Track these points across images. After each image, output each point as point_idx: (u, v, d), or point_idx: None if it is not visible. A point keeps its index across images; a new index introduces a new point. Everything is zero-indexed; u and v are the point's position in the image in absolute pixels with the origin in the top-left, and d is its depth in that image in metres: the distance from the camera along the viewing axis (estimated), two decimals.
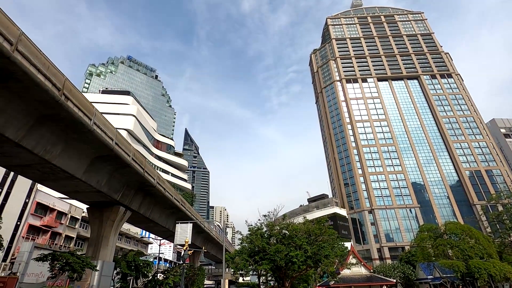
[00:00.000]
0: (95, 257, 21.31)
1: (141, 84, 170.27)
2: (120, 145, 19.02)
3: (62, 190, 20.79)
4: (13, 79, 11.69)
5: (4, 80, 11.71)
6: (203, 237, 47.12)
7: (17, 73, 11.44)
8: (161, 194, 26.34)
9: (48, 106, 13.45)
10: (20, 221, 33.70)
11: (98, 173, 19.74)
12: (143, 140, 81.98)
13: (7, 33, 10.62)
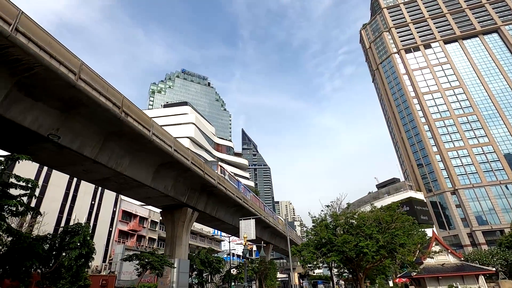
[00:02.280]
0: (172, 255, 23.35)
1: (196, 93, 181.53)
2: (179, 151, 20.39)
3: (137, 197, 23.31)
4: (81, 104, 13.40)
5: (75, 107, 13.49)
6: (269, 231, 47.82)
7: (83, 99, 13.06)
8: (223, 194, 27.47)
9: (112, 123, 15.07)
10: (112, 227, 39.14)
11: (164, 179, 21.52)
12: (204, 145, 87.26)
13: (70, 65, 12.17)
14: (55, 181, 35.83)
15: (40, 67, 10.96)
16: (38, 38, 10.74)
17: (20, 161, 12.27)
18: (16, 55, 10.32)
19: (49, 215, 30.62)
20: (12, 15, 9.87)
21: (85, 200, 38.42)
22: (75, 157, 15.27)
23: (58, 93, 12.40)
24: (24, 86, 11.57)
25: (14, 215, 13.18)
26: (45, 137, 12.96)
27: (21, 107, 11.75)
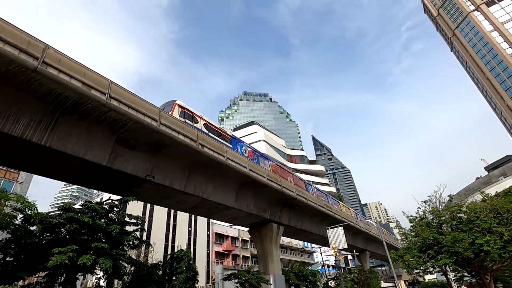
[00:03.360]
0: (266, 272, 23.87)
1: (261, 111, 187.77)
2: (254, 170, 21.26)
3: (225, 219, 24.96)
4: (165, 145, 15.42)
5: (161, 148, 15.58)
6: (362, 237, 44.56)
7: (166, 140, 15.03)
8: (303, 204, 27.15)
9: (192, 156, 16.79)
10: (208, 249, 42.51)
11: (245, 198, 22.58)
12: (277, 159, 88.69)
13: (152, 114, 14.25)
14: (157, 214, 41.28)
15: (131, 121, 13.15)
16: (126, 99, 12.97)
17: (129, 202, 14.69)
18: (113, 117, 12.66)
19: (157, 245, 35.24)
20: (105, 86, 12.23)
21: (183, 228, 43.05)
22: (168, 191, 17.44)
23: (146, 139, 14.57)
24: (122, 140, 13.96)
25: (132, 248, 15.69)
26: (143, 179, 15.25)
27: (122, 158, 14.16)
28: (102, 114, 12.35)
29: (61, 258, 10.63)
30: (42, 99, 11.00)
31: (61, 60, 10.63)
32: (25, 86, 10.37)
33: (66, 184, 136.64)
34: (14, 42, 9.46)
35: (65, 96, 11.12)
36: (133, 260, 15.03)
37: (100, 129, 12.95)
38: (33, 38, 10.21)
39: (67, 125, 11.92)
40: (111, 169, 13.85)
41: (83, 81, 11.20)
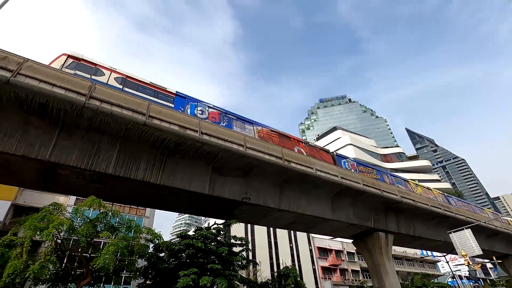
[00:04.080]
0: (382, 286, 21.56)
1: (341, 114, 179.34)
2: (346, 177, 20.12)
3: (324, 233, 24.10)
4: (253, 167, 16.25)
5: (250, 170, 16.48)
6: (502, 239, 35.79)
7: (253, 162, 15.87)
8: (412, 207, 23.93)
9: (280, 173, 17.14)
10: (313, 264, 41.38)
11: (343, 208, 21.41)
12: (369, 161, 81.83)
13: (238, 141, 15.39)
14: (258, 233, 43.04)
15: (221, 151, 14.48)
16: (214, 132, 14.44)
17: (232, 225, 15.87)
18: (207, 150, 14.22)
19: (263, 263, 36.45)
20: (196, 125, 13.94)
21: (284, 244, 43.50)
22: (264, 210, 18.09)
23: (236, 164, 15.70)
24: (216, 169, 15.43)
25: (241, 267, 16.69)
26: (240, 201, 16.32)
27: (219, 185, 15.56)
28: (198, 149, 14.03)
29: (186, 280, 12.14)
30: (152, 146, 13.28)
31: (161, 111, 12.74)
32: (139, 139, 12.76)
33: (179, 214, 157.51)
34: (127, 106, 11.89)
35: (168, 140, 13.16)
36: (245, 279, 15.89)
37: (198, 163, 14.67)
38: (140, 99, 12.62)
39: (172, 164, 13.97)
40: (212, 196, 15.36)
41: (179, 124, 13.06)
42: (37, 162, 11.10)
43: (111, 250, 10.97)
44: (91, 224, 11.75)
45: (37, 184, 13.66)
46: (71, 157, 11.55)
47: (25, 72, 10.07)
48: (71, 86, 10.83)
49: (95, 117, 11.40)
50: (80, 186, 13.29)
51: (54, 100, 10.57)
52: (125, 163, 12.77)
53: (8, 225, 23.49)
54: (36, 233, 11.01)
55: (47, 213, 11.53)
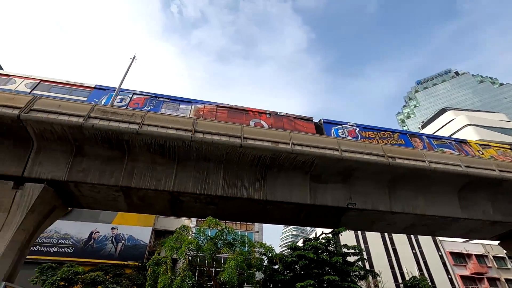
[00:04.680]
0: None
1: (448, 92, 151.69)
2: (474, 165, 16.65)
3: (456, 235, 20.21)
4: (353, 169, 15.31)
5: (350, 174, 15.53)
6: None
7: (352, 164, 14.98)
8: None
9: (384, 172, 15.58)
10: (449, 273, 34.85)
11: (476, 203, 17.59)
12: (501, 139, 65.45)
13: (331, 145, 14.92)
14: (371, 240, 39.56)
15: (316, 158, 14.27)
16: (307, 141, 14.45)
17: (341, 233, 15.16)
18: (301, 160, 14.28)
19: (383, 273, 33.04)
20: (287, 137, 14.27)
21: (405, 251, 38.47)
22: (374, 215, 16.59)
23: (334, 170, 15.10)
24: (314, 177, 15.23)
25: (360, 278, 15.59)
26: (345, 208, 15.49)
27: (320, 193, 15.23)
28: (292, 161, 14.24)
29: None
30: (251, 165, 14.22)
31: (252, 131, 13.65)
32: (238, 160, 13.90)
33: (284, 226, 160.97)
34: (225, 132, 13.26)
35: (264, 157, 13.86)
36: None
37: (295, 174, 14.84)
38: (234, 124, 13.90)
39: (271, 179, 14.56)
40: (314, 205, 15.14)
41: (271, 140, 13.66)
42: (165, 192, 13.41)
43: (232, 265, 12.07)
44: (212, 242, 13.28)
45: (167, 211, 16.39)
46: (188, 185, 13.49)
47: (147, 122, 12.55)
48: (180, 126, 12.85)
49: (201, 148, 13.09)
50: (199, 209, 15.26)
51: (169, 140, 12.71)
52: (231, 184, 14.05)
53: (153, 247, 28.86)
54: (174, 252, 13.16)
55: (179, 234, 13.70)
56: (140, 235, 29.80)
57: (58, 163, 12.66)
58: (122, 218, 30.10)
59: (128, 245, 29.04)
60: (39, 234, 13.78)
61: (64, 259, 25.10)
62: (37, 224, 12.77)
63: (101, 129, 12.16)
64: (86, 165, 12.85)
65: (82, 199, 14.20)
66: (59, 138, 12.50)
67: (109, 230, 29.78)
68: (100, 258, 27.13)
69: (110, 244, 28.98)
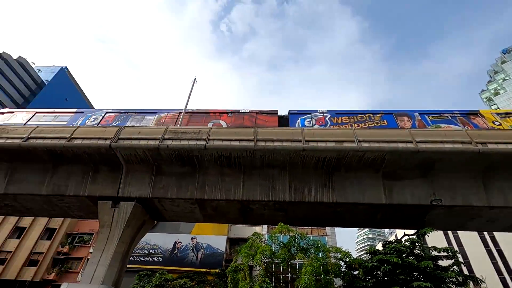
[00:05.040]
0: None
1: None
2: None
3: None
4: (432, 162, 13.64)
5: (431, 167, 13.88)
6: None
7: (432, 156, 13.39)
8: None
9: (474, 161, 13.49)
10: None
11: None
12: None
13: (404, 137, 13.62)
14: (465, 241, 34.31)
15: (386, 154, 13.18)
16: (374, 136, 13.52)
17: (427, 234, 13.53)
18: (370, 157, 13.37)
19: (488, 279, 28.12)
20: (352, 135, 13.57)
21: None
22: (467, 211, 14.37)
23: (409, 164, 13.59)
24: (387, 175, 14.02)
25: (458, 285, 13.56)
26: (429, 205, 13.80)
27: (396, 191, 13.90)
28: (360, 159, 13.42)
29: None
30: (315, 167, 13.89)
31: (314, 133, 13.38)
32: (302, 164, 13.72)
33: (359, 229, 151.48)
34: (286, 138, 13.32)
35: (328, 158, 13.41)
36: None
37: (365, 173, 13.93)
38: (295, 129, 13.85)
39: (340, 180, 13.94)
40: (391, 205, 13.89)
41: (335, 139, 13.17)
42: (235, 202, 14.01)
43: (309, 271, 11.82)
44: (286, 248, 13.26)
45: (239, 219, 17.03)
46: (256, 193, 13.84)
47: (212, 137, 13.41)
48: (243, 137, 13.39)
49: (264, 155, 13.36)
50: (268, 216, 15.47)
51: (234, 151, 13.32)
52: (297, 189, 13.92)
53: (229, 254, 30.26)
54: (250, 259, 13.56)
55: (252, 241, 14.09)
56: (216, 243, 31.60)
57: (143, 182, 14.40)
58: (199, 229, 32.43)
59: (207, 253, 31.05)
60: (135, 245, 15.75)
61: (155, 267, 28.11)
62: (132, 237, 14.65)
63: (174, 148, 13.46)
64: (165, 182, 14.32)
65: (165, 213, 15.80)
66: (141, 161, 14.24)
67: (189, 240, 32.36)
68: (184, 266, 29.60)
69: (191, 253, 31.44)
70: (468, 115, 16.74)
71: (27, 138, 14.19)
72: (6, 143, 14.15)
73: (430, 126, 15.97)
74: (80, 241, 35.56)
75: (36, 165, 14.88)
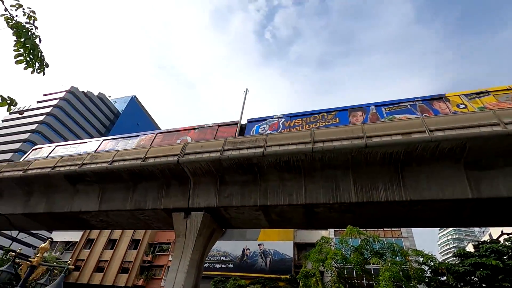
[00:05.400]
0: None
1: None
2: None
3: None
4: None
5: None
6: None
7: None
8: None
9: None
10: None
11: None
12: None
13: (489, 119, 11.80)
14: None
15: (468, 141, 11.58)
16: (445, 123, 12.04)
17: None
18: (446, 147, 11.91)
19: None
20: (421, 125, 12.29)
21: None
22: None
23: (497, 150, 11.68)
24: (469, 164, 12.22)
25: None
26: None
27: (486, 183, 12.01)
28: (434, 150, 12.03)
29: None
30: (382, 164, 12.89)
31: (376, 128, 12.50)
32: (366, 162, 12.89)
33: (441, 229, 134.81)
34: (346, 136, 12.71)
35: (395, 152, 12.34)
36: None
37: (442, 164, 12.41)
38: (354, 125, 13.19)
39: (412, 175, 12.67)
40: (480, 199, 12.04)
41: (401, 132, 12.09)
42: (299, 206, 13.83)
43: (387, 276, 10.90)
44: (358, 252, 12.50)
45: (304, 224, 16.71)
46: (319, 196, 13.45)
47: (269, 143, 13.58)
48: (300, 140, 13.26)
49: (324, 156, 12.95)
50: (335, 219, 14.86)
51: (292, 155, 13.23)
52: (364, 189, 13.08)
53: (297, 260, 29.85)
54: (320, 264, 13.14)
55: (321, 246, 13.64)
56: (283, 249, 31.51)
57: (209, 193, 15.27)
58: (265, 235, 32.80)
59: (275, 259, 31.15)
60: (207, 253, 16.69)
61: (227, 273, 29.30)
62: (204, 245, 15.58)
63: (234, 158, 14.00)
64: (229, 191, 14.94)
65: (231, 221, 16.43)
66: (206, 172, 15.15)
67: (257, 246, 32.94)
68: (254, 272, 30.17)
69: (260, 259, 31.92)
70: (431, 100, 15.36)
71: (112, 161, 16.37)
72: (97, 167, 16.54)
73: (384, 118, 14.88)
74: (160, 250, 39.20)
75: (120, 185, 17.03)
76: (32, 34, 3.91)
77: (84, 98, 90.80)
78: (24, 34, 3.78)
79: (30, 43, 3.81)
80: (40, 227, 22.46)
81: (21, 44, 3.81)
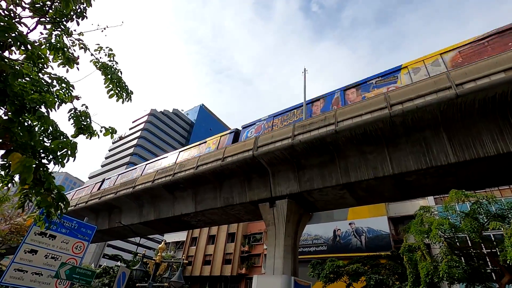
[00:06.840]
0: None
1: None
2: None
3: None
4: None
5: None
6: None
7: None
8: None
9: None
10: None
11: None
12: None
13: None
14: None
15: None
16: None
17: None
18: None
19: None
20: None
21: None
22: None
23: None
24: None
25: None
26: None
27: None
28: None
29: None
30: (483, 113, 10.87)
31: (465, 72, 10.56)
32: (462, 114, 11.05)
33: None
34: (431, 90, 11.11)
35: (500, 94, 10.22)
36: None
37: None
38: (436, 77, 11.45)
39: None
40: None
41: (501, 69, 9.95)
42: (387, 178, 12.79)
43: None
44: (471, 218, 10.88)
45: (397, 196, 15.43)
46: (408, 163, 12.16)
47: (340, 118, 12.90)
48: (373, 107, 12.20)
49: (406, 119, 11.61)
50: (433, 185, 13.24)
51: (367, 125, 12.27)
52: (463, 146, 11.26)
53: (396, 235, 27.83)
54: (424, 236, 11.93)
55: (421, 217, 12.35)
56: (377, 225, 29.78)
57: (289, 179, 15.44)
58: (354, 213, 31.53)
59: (370, 237, 29.71)
60: (299, 238, 16.97)
61: (322, 256, 29.30)
62: (295, 230, 15.87)
63: (306, 141, 13.77)
64: (308, 175, 14.81)
65: (317, 203, 16.30)
66: (282, 161, 15.33)
67: (348, 226, 31.96)
68: (350, 252, 29.39)
69: (354, 238, 30.89)
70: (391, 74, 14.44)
71: (197, 166, 18.05)
72: (186, 174, 18.50)
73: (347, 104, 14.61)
74: (254, 240, 41.75)
75: (208, 186, 18.68)
76: (115, 70, 4.55)
77: (162, 117, 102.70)
78: (109, 71, 4.42)
79: (116, 77, 4.45)
80: (154, 231, 26.50)
81: (109, 80, 4.47)
